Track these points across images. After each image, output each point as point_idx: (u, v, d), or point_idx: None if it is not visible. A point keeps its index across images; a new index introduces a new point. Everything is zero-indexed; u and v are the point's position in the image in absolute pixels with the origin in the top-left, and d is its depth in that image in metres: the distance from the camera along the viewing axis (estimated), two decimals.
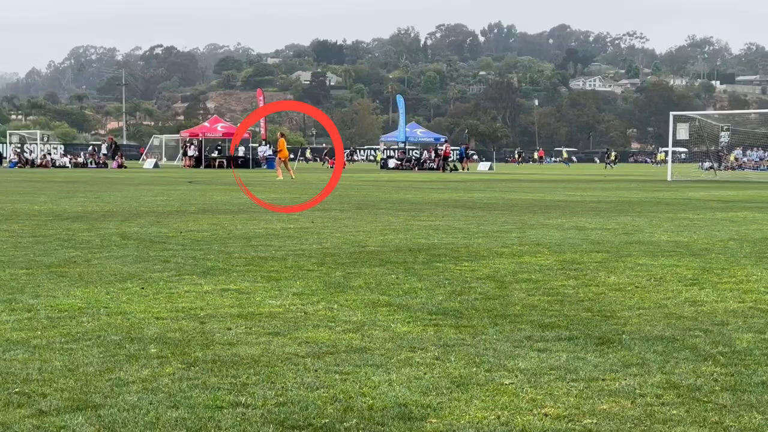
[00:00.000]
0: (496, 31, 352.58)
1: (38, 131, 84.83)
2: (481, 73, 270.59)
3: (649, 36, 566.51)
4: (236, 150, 75.71)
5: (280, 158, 43.50)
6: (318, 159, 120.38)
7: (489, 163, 77.21)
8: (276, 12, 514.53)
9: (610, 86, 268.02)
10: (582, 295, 8.33)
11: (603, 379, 5.36)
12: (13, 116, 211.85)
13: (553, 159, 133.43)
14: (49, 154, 71.90)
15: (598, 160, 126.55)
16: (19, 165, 65.23)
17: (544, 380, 5.33)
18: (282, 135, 46.30)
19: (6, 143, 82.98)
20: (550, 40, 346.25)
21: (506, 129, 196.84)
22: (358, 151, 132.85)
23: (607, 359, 5.86)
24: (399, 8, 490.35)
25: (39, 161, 67.59)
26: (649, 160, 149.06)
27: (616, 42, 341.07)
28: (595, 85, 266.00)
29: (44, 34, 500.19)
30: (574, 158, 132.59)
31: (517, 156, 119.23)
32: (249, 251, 11.55)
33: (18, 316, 7.12)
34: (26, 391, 5.02)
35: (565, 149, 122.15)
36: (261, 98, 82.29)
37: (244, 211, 19.06)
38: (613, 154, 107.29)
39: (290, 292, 8.39)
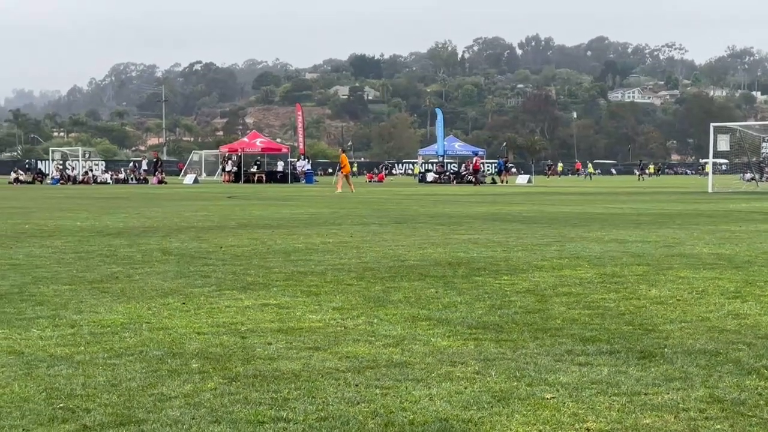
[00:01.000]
0: (533, 43, 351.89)
1: (80, 148, 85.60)
2: (519, 85, 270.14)
3: (689, 47, 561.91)
4: (275, 165, 76.09)
5: (342, 173, 45.45)
6: (362, 173, 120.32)
7: (527, 176, 77.03)
8: (314, 27, 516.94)
9: (649, 98, 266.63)
10: (623, 309, 8.28)
11: (645, 393, 5.32)
12: (56, 133, 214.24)
13: (590, 172, 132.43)
14: (91, 170, 72.58)
15: (637, 172, 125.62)
16: (61, 182, 65.93)
17: (585, 394, 5.30)
18: (343, 150, 48.49)
19: (48, 160, 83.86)
20: (588, 52, 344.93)
21: (545, 141, 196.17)
22: (396, 165, 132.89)
23: (650, 373, 5.82)
24: (436, 22, 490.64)
25: (81, 178, 68.23)
26: (690, 171, 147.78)
27: (655, 53, 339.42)
28: (634, 96, 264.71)
29: (85, 51, 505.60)
30: (599, 170, 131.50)
31: (548, 169, 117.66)
32: (288, 266, 11.58)
33: (62, 331, 7.19)
34: (70, 406, 5.07)
35: (590, 163, 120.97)
36: (300, 113, 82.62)
37: (284, 226, 19.13)
38: (652, 166, 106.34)
39: (330, 306, 8.41)
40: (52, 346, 6.60)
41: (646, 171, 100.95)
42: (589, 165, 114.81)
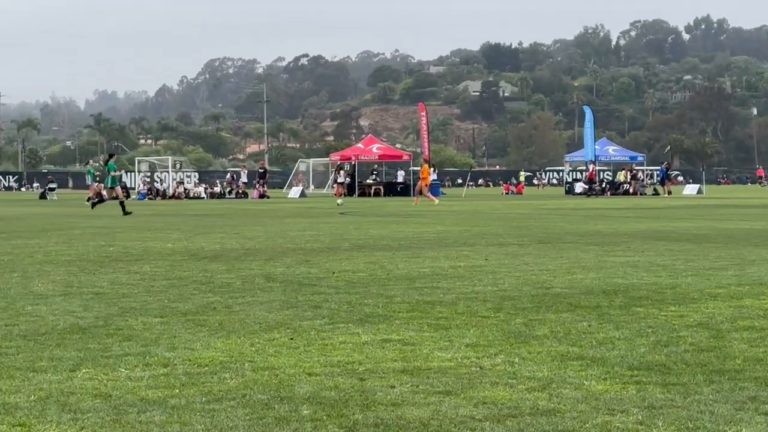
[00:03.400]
0: (703, 26, 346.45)
1: (170, 157, 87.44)
2: (686, 77, 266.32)
3: None
4: (394, 175, 76.59)
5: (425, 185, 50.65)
6: (491, 184, 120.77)
7: (697, 186, 75.81)
8: (439, 12, 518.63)
9: None
10: None
11: None
12: (142, 141, 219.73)
13: None
14: (182, 183, 74.11)
15: None
16: (149, 197, 67.50)
17: None
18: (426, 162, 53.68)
19: (134, 172, 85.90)
20: None
21: (717, 144, 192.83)
22: (540, 173, 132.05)
23: None
24: (585, 3, 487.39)
25: (171, 192, 69.71)
26: None
27: None
28: None
29: (175, 46, 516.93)
30: None
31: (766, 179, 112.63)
32: (413, 294, 11.64)
33: (153, 371, 7.37)
34: None
35: None
36: (423, 114, 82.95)
37: (406, 247, 19.22)
38: None
39: (463, 342, 8.42)
40: (143, 389, 6.77)
41: None
42: None
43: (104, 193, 39.07)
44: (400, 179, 76.39)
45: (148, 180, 74.73)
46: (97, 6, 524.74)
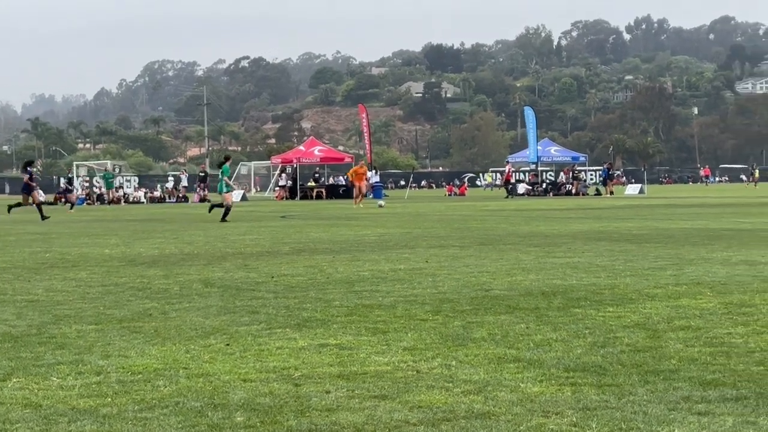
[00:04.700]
0: (644, 26, 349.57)
1: (109, 161, 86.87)
2: (628, 77, 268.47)
3: None
4: (337, 177, 76.55)
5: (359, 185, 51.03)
6: (434, 186, 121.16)
7: (639, 186, 76.42)
8: (380, 14, 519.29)
9: None
10: (753, 346, 8.19)
11: None
12: (81, 145, 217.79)
13: (720, 179, 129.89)
14: (121, 187, 73.59)
15: None
16: (87, 202, 66.93)
17: None
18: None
19: (73, 176, 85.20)
20: (711, 36, 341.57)
21: (659, 144, 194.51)
22: (482, 175, 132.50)
23: None
24: (526, 4, 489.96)
25: (110, 197, 69.16)
26: None
27: None
28: (766, 87, 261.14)
29: (114, 48, 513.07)
30: None
31: (752, 174, 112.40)
32: (351, 298, 11.65)
33: (86, 379, 7.31)
34: None
35: (757, 167, 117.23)
36: (363, 116, 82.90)
37: (346, 250, 19.23)
38: (757, 171, 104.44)
39: (400, 346, 8.44)
40: (75, 398, 6.72)
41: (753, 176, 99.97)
42: (756, 169, 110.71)
43: (227, 198, 37.52)
44: (342, 182, 76.23)
45: (87, 185, 74.15)
46: (33, 8, 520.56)
